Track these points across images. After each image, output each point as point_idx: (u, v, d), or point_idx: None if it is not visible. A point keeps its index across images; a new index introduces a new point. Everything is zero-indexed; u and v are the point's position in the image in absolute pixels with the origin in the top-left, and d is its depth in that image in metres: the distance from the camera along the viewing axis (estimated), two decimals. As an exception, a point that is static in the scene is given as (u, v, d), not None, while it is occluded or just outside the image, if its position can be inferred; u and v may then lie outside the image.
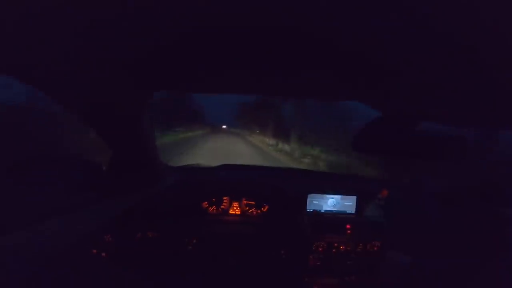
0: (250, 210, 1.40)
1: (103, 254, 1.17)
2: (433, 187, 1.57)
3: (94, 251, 1.16)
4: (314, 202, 1.44)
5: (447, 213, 1.39)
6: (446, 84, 0.69)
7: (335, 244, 1.38)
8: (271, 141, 19.44)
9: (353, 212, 1.47)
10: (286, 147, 14.92)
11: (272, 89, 1.02)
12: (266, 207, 1.40)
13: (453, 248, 1.26)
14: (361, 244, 1.39)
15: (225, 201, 1.39)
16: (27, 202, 0.96)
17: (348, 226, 1.40)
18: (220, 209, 1.38)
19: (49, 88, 0.75)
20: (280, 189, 1.43)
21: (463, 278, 1.17)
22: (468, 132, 0.92)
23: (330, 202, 1.45)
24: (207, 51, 0.62)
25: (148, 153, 1.18)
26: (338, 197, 1.46)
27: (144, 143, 1.12)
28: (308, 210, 1.42)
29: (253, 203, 1.40)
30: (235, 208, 1.39)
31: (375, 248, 1.40)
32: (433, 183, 1.56)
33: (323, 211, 1.44)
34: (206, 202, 1.37)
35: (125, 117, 0.96)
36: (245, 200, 1.40)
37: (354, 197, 1.47)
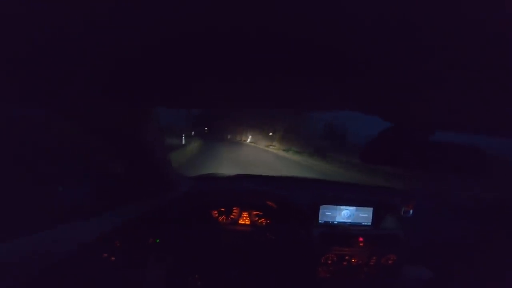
0: (260, 221, 1.37)
1: (112, 258, 1.19)
2: (461, 200, 1.46)
3: (105, 254, 1.18)
4: (327, 213, 1.38)
5: (473, 228, 1.28)
6: (460, 89, 0.64)
7: (346, 257, 1.32)
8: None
9: (368, 224, 1.40)
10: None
11: (276, 101, 1.01)
12: (276, 218, 1.37)
13: (476, 265, 1.16)
14: (374, 257, 1.33)
15: (235, 211, 1.37)
16: (43, 206, 1.02)
17: (360, 239, 1.34)
18: (230, 218, 1.36)
19: (57, 102, 0.77)
20: (291, 200, 1.39)
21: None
22: (491, 142, 0.85)
23: (344, 214, 1.39)
24: (206, 60, 0.61)
25: (158, 163, 1.20)
26: (353, 208, 1.39)
27: (152, 155, 1.14)
28: (320, 222, 1.37)
29: (262, 213, 1.38)
30: (244, 218, 1.37)
31: (390, 262, 1.33)
32: (461, 197, 1.45)
33: (336, 222, 1.39)
34: (216, 212, 1.36)
35: (129, 130, 0.98)
36: (255, 211, 1.38)
37: (371, 209, 1.40)
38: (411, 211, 1.38)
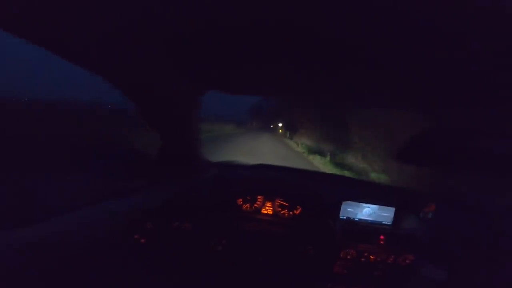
0: (282, 212, 1.40)
1: (142, 240, 1.23)
2: (480, 202, 1.44)
3: (136, 236, 1.22)
4: (349, 209, 1.40)
5: (491, 231, 1.27)
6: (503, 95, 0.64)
7: (365, 254, 1.35)
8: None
9: (389, 223, 1.41)
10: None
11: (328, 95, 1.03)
12: (299, 210, 1.40)
13: (492, 267, 1.16)
14: (392, 256, 1.34)
15: (259, 199, 1.40)
16: (78, 187, 1.08)
17: (381, 237, 1.36)
18: (253, 207, 1.40)
19: (110, 81, 0.83)
20: (315, 194, 1.42)
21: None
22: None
23: (366, 211, 1.41)
24: (259, 51, 0.64)
25: (193, 147, 1.25)
26: (374, 206, 1.41)
27: (191, 138, 1.19)
28: (341, 217, 1.39)
29: (286, 204, 1.40)
30: (267, 208, 1.40)
31: (407, 262, 1.35)
32: (480, 199, 1.43)
33: (357, 219, 1.41)
34: (240, 199, 1.40)
35: (177, 112, 1.03)
36: (279, 201, 1.41)
37: (393, 209, 1.41)
38: (432, 213, 1.37)
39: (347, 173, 8.49)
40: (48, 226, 0.82)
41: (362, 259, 1.35)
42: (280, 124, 24.54)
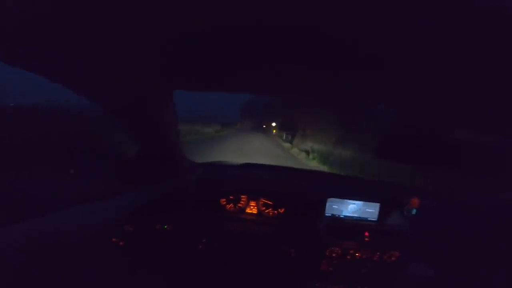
0: (267, 211, 1.38)
1: (121, 243, 1.20)
2: (468, 200, 1.45)
3: (114, 239, 1.18)
4: (334, 206, 1.39)
5: (479, 228, 1.28)
6: (482, 88, 0.64)
7: (351, 251, 1.34)
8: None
9: (374, 219, 1.41)
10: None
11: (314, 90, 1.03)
12: (283, 209, 1.38)
13: (480, 265, 1.17)
14: (378, 253, 1.34)
15: (243, 199, 1.38)
16: (56, 190, 1.05)
17: (366, 234, 1.36)
18: (237, 207, 1.38)
19: (80, 85, 0.77)
20: (299, 191, 1.41)
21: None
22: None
23: (351, 208, 1.40)
24: (228, 49, 0.63)
25: (172, 147, 1.23)
26: (359, 203, 1.40)
27: (167, 138, 1.17)
28: (326, 215, 1.39)
29: (270, 203, 1.38)
30: (252, 207, 1.38)
31: (393, 258, 1.35)
32: (468, 196, 1.44)
33: (342, 216, 1.40)
34: (224, 199, 1.38)
35: (148, 112, 1.01)
36: (263, 200, 1.39)
37: (377, 204, 1.40)
38: (416, 209, 1.37)
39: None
40: (39, 225, 0.80)
41: (348, 257, 1.34)
42: (273, 124, 21.73)
